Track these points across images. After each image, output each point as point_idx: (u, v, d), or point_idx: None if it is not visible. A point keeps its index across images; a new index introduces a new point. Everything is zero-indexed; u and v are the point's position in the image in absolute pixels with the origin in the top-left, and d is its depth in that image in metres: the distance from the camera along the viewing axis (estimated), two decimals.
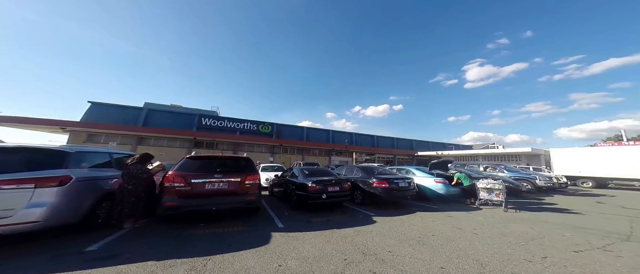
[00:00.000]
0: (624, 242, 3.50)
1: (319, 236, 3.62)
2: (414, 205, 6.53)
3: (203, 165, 4.37)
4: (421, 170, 8.19)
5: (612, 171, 13.26)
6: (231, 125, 24.67)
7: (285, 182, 6.43)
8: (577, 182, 14.15)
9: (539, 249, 3.13)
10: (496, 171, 11.73)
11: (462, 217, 5.13)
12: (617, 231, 4.09)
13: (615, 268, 2.58)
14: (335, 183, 5.57)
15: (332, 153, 29.03)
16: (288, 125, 28.98)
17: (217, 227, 3.93)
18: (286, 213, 5.15)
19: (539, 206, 6.82)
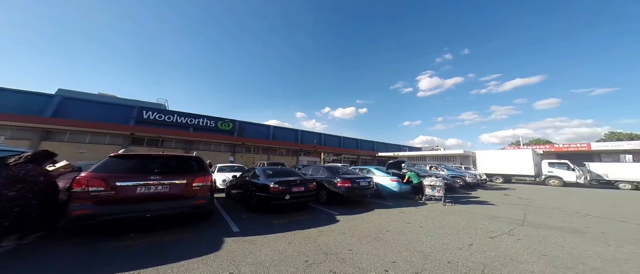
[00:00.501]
0: (520, 226, 4.40)
1: (280, 238, 3.53)
2: (373, 202, 6.96)
3: (135, 165, 3.77)
4: (380, 170, 8.85)
5: (513, 169, 16.70)
6: (182, 121, 21.69)
7: (245, 183, 6.09)
8: (492, 178, 17.40)
9: (467, 238, 3.70)
10: (438, 170, 13.54)
11: (411, 212, 5.70)
12: (516, 218, 5.12)
13: (516, 248, 3.22)
14: (300, 183, 5.51)
15: (300, 153, 28.76)
16: (252, 123, 27.40)
17: (155, 236, 3.47)
18: (244, 216, 4.89)
19: (467, 199, 8.10)
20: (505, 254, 3.00)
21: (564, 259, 2.78)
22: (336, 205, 6.29)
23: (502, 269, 2.54)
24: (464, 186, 11.72)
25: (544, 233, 3.93)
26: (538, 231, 4.07)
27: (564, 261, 2.73)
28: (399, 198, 7.78)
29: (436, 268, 2.58)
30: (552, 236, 3.71)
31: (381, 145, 40.72)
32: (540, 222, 4.78)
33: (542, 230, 4.11)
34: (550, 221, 4.81)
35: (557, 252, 3.04)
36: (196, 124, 22.46)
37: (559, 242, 3.44)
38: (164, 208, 3.62)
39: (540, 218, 5.21)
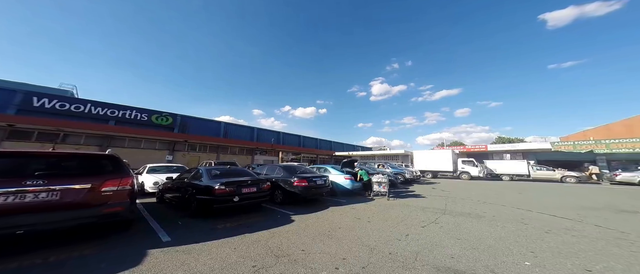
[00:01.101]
0: (443, 215, 5.18)
1: (223, 244, 3.20)
2: (328, 200, 7.08)
3: (3, 166, 2.90)
4: (335, 168, 9.11)
5: (438, 166, 19.97)
6: (99, 112, 17.40)
7: (184, 186, 5.35)
8: (424, 174, 20.44)
9: (405, 229, 4.09)
10: (384, 168, 14.96)
11: (361, 208, 6.00)
12: (440, 208, 6.03)
13: (440, 235, 3.72)
14: (252, 184, 5.15)
15: (256, 152, 27.16)
16: (199, 118, 24.18)
17: (38, 256, 2.67)
18: (179, 223, 4.31)
19: (406, 194, 9.16)
20: (432, 241, 3.44)
21: (471, 241, 3.36)
22: (292, 204, 6.13)
23: (429, 255, 2.87)
24: (403, 181, 13.25)
25: (458, 219, 4.72)
26: (455, 218, 4.86)
27: (471, 243, 3.30)
28: (352, 195, 8.16)
29: (380, 260, 2.72)
30: (463, 222, 4.48)
31: (338, 144, 42.51)
32: (456, 210, 5.75)
33: (457, 217, 4.94)
34: (462, 209, 5.85)
35: (467, 235, 3.66)
36: (119, 117, 18.43)
37: (468, 227, 4.18)
38: (49, 221, 2.81)
39: (456, 206, 6.29)
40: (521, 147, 22.67)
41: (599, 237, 3.52)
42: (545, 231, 3.82)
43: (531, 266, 2.46)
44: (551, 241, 3.31)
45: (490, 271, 2.37)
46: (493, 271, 2.35)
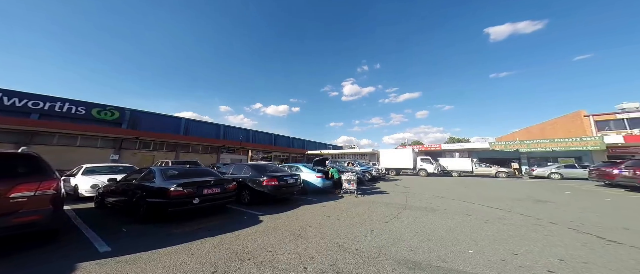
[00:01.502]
0: (404, 210, 5.51)
1: (178, 251, 2.86)
2: (300, 199, 6.94)
3: None
4: (307, 167, 9.01)
5: (401, 164, 21.58)
6: (15, 103, 14.27)
7: (131, 188, 4.73)
8: (389, 171, 21.85)
9: (370, 224, 4.21)
10: (353, 166, 15.46)
11: (331, 206, 6.03)
12: (401, 203, 6.42)
13: (401, 229, 3.91)
14: (216, 184, 4.74)
15: (222, 151, 25.27)
16: (154, 113, 21.55)
17: None
18: (124, 230, 3.77)
19: (372, 190, 9.60)
20: (394, 235, 3.58)
21: (426, 233, 3.61)
22: (261, 204, 5.85)
23: (391, 249, 2.97)
24: (370, 179, 13.89)
25: (416, 213, 5.07)
26: (413, 212, 5.22)
27: (427, 235, 3.53)
28: (323, 193, 8.19)
29: (347, 257, 2.71)
30: (420, 216, 4.83)
31: (310, 143, 42.56)
32: (414, 205, 6.19)
33: (415, 211, 5.31)
34: (420, 204, 6.33)
35: (423, 228, 3.93)
36: (45, 109, 15.26)
37: (424, 220, 4.50)
38: None
39: (414, 201, 6.78)
40: (467, 146, 25.95)
41: (522, 224, 4.14)
42: (484, 221, 4.34)
43: (474, 254, 2.72)
44: (488, 230, 3.76)
45: (442, 260, 2.53)
46: (444, 261, 2.52)
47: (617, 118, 20.78)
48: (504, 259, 2.53)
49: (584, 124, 22.13)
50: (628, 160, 10.95)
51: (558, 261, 2.45)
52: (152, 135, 18.76)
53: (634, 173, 8.95)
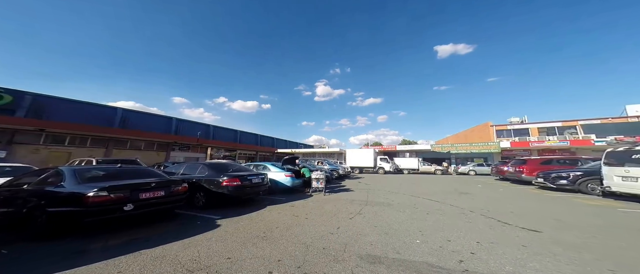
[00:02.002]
0: (366, 206, 5.94)
1: (97, 270, 2.32)
2: (267, 199, 6.69)
3: None
4: (275, 166, 8.76)
5: (364, 163, 23.15)
6: None
7: (22, 195, 3.73)
8: (354, 170, 23.16)
9: (336, 222, 4.38)
10: (323, 165, 15.82)
11: (300, 205, 6.01)
12: (364, 200, 6.90)
13: (363, 225, 4.18)
14: (159, 186, 4.04)
15: (173, 148, 21.93)
16: (72, 100, 17.00)
17: None
18: (4, 252, 2.91)
19: (339, 188, 10.00)
20: (357, 231, 3.82)
21: (384, 227, 4.00)
22: (220, 207, 5.41)
23: (355, 245, 3.16)
24: (338, 177, 14.46)
25: (376, 209, 5.56)
26: (374, 208, 5.70)
27: (384, 229, 3.92)
28: (292, 192, 8.11)
29: (314, 257, 2.74)
30: (379, 211, 5.32)
31: (281, 141, 41.39)
32: (374, 201, 6.76)
33: (375, 207, 5.80)
34: (379, 199, 6.95)
35: (381, 222, 4.33)
36: None
37: (382, 215, 4.98)
38: None
39: (375, 197, 7.41)
40: (415, 148, 29.69)
41: (452, 214, 5.01)
42: (426, 213, 5.09)
43: (420, 243, 3.18)
44: (430, 220, 4.43)
45: (396, 252, 2.87)
46: (398, 252, 2.86)
47: (507, 129, 27.29)
48: (442, 246, 3.04)
49: (490, 132, 28.21)
50: (512, 160, 14.45)
51: (476, 243, 3.10)
52: (67, 127, 14.55)
53: (515, 170, 11.87)
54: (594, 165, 8.38)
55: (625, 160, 6.44)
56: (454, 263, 2.51)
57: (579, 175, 8.09)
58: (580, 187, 7.91)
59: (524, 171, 11.18)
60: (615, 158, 6.75)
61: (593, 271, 2.16)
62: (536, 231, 3.51)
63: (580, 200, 6.72)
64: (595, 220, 4.25)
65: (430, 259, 2.61)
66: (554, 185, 8.58)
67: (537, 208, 5.59)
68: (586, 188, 7.77)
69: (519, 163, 12.15)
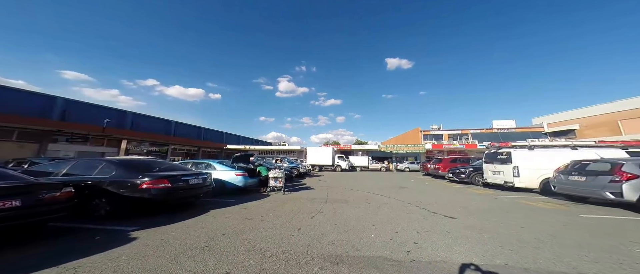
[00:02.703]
0: (326, 204, 5.95)
1: None
2: (211, 202, 5.82)
3: None
4: (223, 164, 7.76)
5: (323, 161, 23.79)
6: None
7: None
8: (314, 168, 23.42)
9: (297, 222, 4.16)
10: (282, 163, 15.25)
11: (254, 206, 5.47)
12: (324, 197, 6.94)
13: (324, 223, 4.14)
14: (9, 195, 2.76)
15: (55, 138, 14.93)
16: None
17: None
18: None
19: (299, 186, 9.80)
20: (319, 230, 3.74)
21: (343, 225, 4.09)
22: (138, 216, 4.30)
23: (317, 246, 3.05)
24: (298, 175, 14.25)
25: (335, 206, 5.67)
26: (333, 205, 5.81)
27: (344, 226, 4.00)
28: (245, 193, 7.39)
29: (273, 264, 2.45)
30: (339, 208, 5.45)
31: (233, 137, 36.95)
32: (334, 198, 6.92)
33: (335, 204, 5.91)
34: (337, 196, 7.17)
35: (340, 220, 4.42)
36: None
37: (341, 212, 5.11)
38: None
39: (334, 194, 7.59)
40: (366, 147, 32.69)
41: (397, 207, 5.67)
42: (377, 207, 5.57)
43: (374, 237, 3.39)
44: (381, 214, 4.85)
45: (356, 249, 2.95)
46: (358, 249, 2.95)
47: (430, 134, 34.24)
48: (392, 238, 3.34)
49: (419, 136, 34.54)
50: (433, 159, 18.02)
51: (416, 233, 3.56)
52: None
53: (435, 167, 14.84)
54: (479, 163, 11.27)
55: (494, 159, 8.93)
56: (403, 254, 2.76)
57: (470, 171, 10.72)
58: (471, 179, 10.50)
59: (440, 168, 13.98)
60: (489, 157, 9.28)
61: (492, 248, 2.82)
62: (452, 217, 4.36)
63: (471, 189, 8.90)
64: (482, 204, 5.68)
65: (384, 253, 2.79)
66: (458, 179, 11.09)
67: (449, 197, 7.04)
68: (474, 180, 10.38)
69: (437, 161, 15.12)
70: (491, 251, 2.75)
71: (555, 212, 4.89)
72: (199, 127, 30.56)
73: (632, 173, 4.93)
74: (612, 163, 5.46)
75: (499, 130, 31.91)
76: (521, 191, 7.94)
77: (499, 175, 8.38)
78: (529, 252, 2.68)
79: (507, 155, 8.13)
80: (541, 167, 7.42)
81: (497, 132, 31.25)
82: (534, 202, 5.97)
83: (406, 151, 29.20)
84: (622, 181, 4.92)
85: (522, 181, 7.60)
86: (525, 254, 2.61)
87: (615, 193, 4.98)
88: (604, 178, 5.26)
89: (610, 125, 19.27)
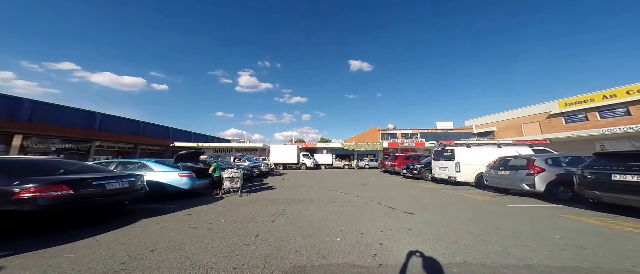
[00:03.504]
0: (289, 205, 5.47)
1: None
2: (146, 209, 4.66)
3: None
4: (163, 164, 6.35)
5: (288, 159, 22.97)
6: None
7: None
8: (277, 166, 22.29)
9: (255, 228, 3.59)
10: (241, 161, 13.75)
11: (202, 212, 4.59)
12: (287, 198, 6.44)
13: (286, 227, 3.69)
14: None
15: None
16: None
17: None
18: None
19: (260, 186, 8.96)
20: (280, 236, 3.27)
21: (308, 228, 3.72)
22: (20, 234, 3.13)
23: (277, 255, 2.61)
24: (259, 174, 13.14)
25: (299, 207, 5.25)
26: (297, 206, 5.37)
27: (308, 230, 3.63)
28: (193, 197, 6.21)
29: None
30: (303, 209, 5.05)
31: (182, 133, 32.36)
32: (298, 198, 6.49)
33: (298, 205, 5.50)
34: (301, 196, 6.76)
35: (304, 223, 4.04)
36: None
37: (305, 213, 4.72)
38: None
39: (298, 194, 7.15)
40: (330, 145, 33.56)
41: (360, 205, 5.69)
42: (342, 206, 5.44)
43: (340, 241, 3.14)
44: (345, 213, 4.70)
45: (322, 257, 2.60)
46: (324, 257, 2.61)
47: (387, 132, 38.23)
48: (358, 240, 3.15)
49: (377, 134, 38.02)
50: (390, 156, 19.95)
51: (381, 232, 3.51)
52: None
53: (392, 164, 16.41)
54: (428, 160, 12.95)
55: (440, 156, 10.34)
56: (370, 258, 2.58)
57: (421, 167, 12.20)
58: (422, 175, 11.96)
59: (396, 165, 15.47)
60: (437, 155, 10.70)
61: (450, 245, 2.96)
62: (411, 213, 4.61)
63: (423, 184, 10.08)
64: (433, 199, 6.35)
65: (351, 259, 2.54)
66: (411, 174, 12.44)
67: (405, 192, 7.67)
68: (424, 175, 11.86)
69: (393, 159, 16.69)
70: (451, 248, 2.88)
71: (489, 203, 5.48)
72: (137, 121, 25.16)
73: (541, 167, 5.82)
74: (528, 158, 6.29)
75: (441, 130, 38.40)
76: (461, 184, 8.73)
77: (444, 171, 9.68)
78: (481, 246, 2.93)
79: (451, 152, 9.39)
80: (476, 163, 8.71)
81: (440, 132, 37.52)
82: (472, 195, 6.91)
83: (366, 149, 31.46)
84: (534, 174, 5.75)
85: (462, 176, 8.54)
86: (479, 249, 2.82)
87: (530, 184, 5.77)
88: (522, 171, 6.06)
89: (516, 128, 25.72)
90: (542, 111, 23.14)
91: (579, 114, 20.38)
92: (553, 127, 22.05)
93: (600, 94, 18.95)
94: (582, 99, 20.02)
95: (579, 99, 20.19)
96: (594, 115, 19.48)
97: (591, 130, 18.22)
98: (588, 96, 19.64)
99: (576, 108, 20.30)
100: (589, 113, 19.73)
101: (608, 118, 18.64)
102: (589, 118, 19.79)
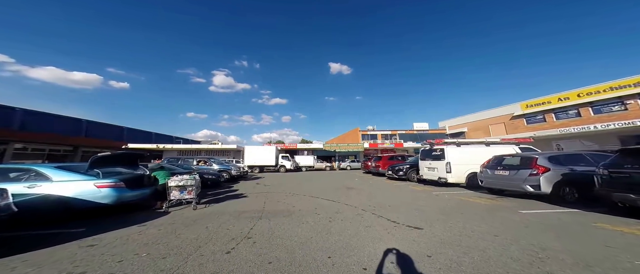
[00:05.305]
0: (259, 220, 4.19)
1: None
2: (21, 237, 3.04)
3: None
4: (69, 171, 4.46)
5: (265, 161, 21.07)
6: None
7: None
8: (253, 169, 20.25)
9: (197, 267, 2.26)
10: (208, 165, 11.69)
11: (118, 238, 3.11)
12: (258, 210, 5.08)
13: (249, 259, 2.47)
14: None
15: None
16: None
17: None
18: None
19: (227, 194, 7.33)
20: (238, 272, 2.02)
21: (282, 260, 2.51)
22: None
23: None
24: (229, 179, 11.31)
25: (273, 224, 3.97)
26: (270, 222, 4.08)
27: (281, 265, 2.41)
28: (120, 214, 4.49)
29: None
30: (277, 227, 3.78)
31: (141, 133, 28.20)
32: (273, 209, 5.16)
33: (273, 220, 4.21)
34: (277, 207, 5.44)
35: (278, 250, 2.81)
36: None
37: (280, 234, 3.47)
38: None
39: (273, 204, 5.81)
40: (311, 147, 32.41)
41: (351, 217, 4.60)
42: (329, 219, 4.26)
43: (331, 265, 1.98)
44: (334, 231, 3.56)
45: None
46: None
47: (367, 134, 38.69)
48: None
49: (358, 136, 38.19)
50: (373, 157, 19.67)
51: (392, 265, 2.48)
52: None
53: (376, 165, 15.96)
54: (413, 160, 12.66)
55: (428, 156, 9.91)
56: None
57: (407, 168, 11.82)
58: (408, 176, 11.56)
59: (380, 166, 15.03)
60: (424, 154, 10.25)
61: None
62: (419, 228, 3.63)
63: (411, 186, 9.51)
64: (433, 206, 5.51)
65: None
66: (397, 176, 11.98)
67: (397, 197, 6.88)
68: (411, 176, 11.47)
69: (377, 159, 16.28)
70: None
71: (497, 209, 4.74)
72: (78, 119, 21.06)
73: (546, 166, 5.22)
74: (526, 157, 5.79)
75: (418, 131, 40.15)
76: (451, 186, 8.10)
77: (433, 172, 9.12)
78: None
79: (441, 152, 8.76)
80: (467, 163, 7.93)
81: (417, 133, 39.19)
82: (470, 198, 6.00)
83: (348, 150, 31.12)
84: (539, 174, 5.16)
85: (453, 177, 7.88)
86: None
87: (534, 185, 5.18)
88: (524, 171, 5.46)
89: (484, 128, 27.89)
90: (507, 113, 25.51)
91: (538, 115, 22.76)
92: (516, 128, 24.35)
93: (555, 96, 21.36)
94: (540, 101, 22.39)
95: (538, 101, 22.56)
96: (550, 116, 21.88)
97: (549, 131, 20.34)
98: (546, 98, 22.03)
99: (536, 110, 22.61)
100: (546, 114, 22.13)
101: (562, 119, 21.06)
102: (546, 120, 22.19)
